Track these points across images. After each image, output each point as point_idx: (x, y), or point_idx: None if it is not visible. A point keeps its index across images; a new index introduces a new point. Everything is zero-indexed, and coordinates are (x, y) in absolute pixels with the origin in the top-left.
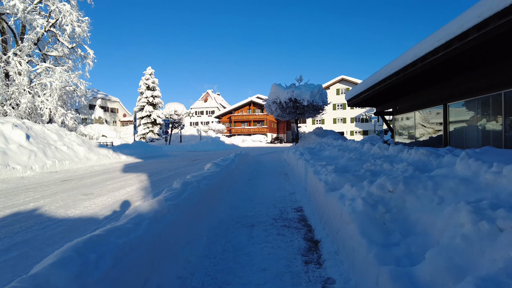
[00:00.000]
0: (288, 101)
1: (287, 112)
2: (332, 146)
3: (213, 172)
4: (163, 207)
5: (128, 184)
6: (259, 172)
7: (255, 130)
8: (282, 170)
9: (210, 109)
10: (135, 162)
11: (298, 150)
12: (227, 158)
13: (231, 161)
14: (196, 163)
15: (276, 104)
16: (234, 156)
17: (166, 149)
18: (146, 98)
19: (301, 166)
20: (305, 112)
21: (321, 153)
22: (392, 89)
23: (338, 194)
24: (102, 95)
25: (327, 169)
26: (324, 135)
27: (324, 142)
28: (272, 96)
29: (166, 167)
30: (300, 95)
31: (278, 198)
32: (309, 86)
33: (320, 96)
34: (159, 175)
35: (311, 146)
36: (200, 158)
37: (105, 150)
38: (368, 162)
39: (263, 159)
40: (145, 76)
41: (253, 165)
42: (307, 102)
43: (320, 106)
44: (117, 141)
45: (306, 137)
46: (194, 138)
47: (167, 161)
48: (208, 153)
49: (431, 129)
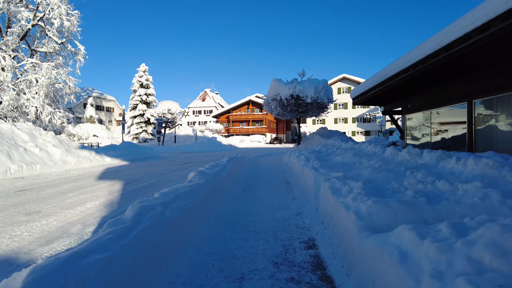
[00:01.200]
0: (290, 98)
1: (289, 110)
2: (342, 149)
3: (195, 185)
4: None
5: (93, 197)
6: (256, 179)
7: (253, 130)
8: (283, 177)
9: (208, 108)
10: (119, 166)
11: (302, 154)
12: (218, 163)
13: (222, 168)
14: (186, 167)
15: (276, 102)
16: (227, 160)
17: (158, 150)
18: (139, 96)
19: (308, 175)
20: (309, 110)
21: (331, 158)
22: (404, 86)
23: (394, 249)
24: (97, 94)
25: (351, 186)
26: (329, 136)
27: (330, 144)
28: (272, 92)
29: (150, 173)
30: (303, 91)
31: (280, 221)
32: (313, 81)
33: (325, 92)
34: (137, 183)
35: (315, 148)
36: (191, 161)
37: (87, 152)
38: (405, 176)
39: (261, 163)
40: (138, 73)
41: (250, 170)
42: (311, 99)
43: (325, 103)
44: (107, 141)
45: (309, 138)
46: (189, 138)
47: (155, 165)
48: (203, 154)
49: (451, 129)
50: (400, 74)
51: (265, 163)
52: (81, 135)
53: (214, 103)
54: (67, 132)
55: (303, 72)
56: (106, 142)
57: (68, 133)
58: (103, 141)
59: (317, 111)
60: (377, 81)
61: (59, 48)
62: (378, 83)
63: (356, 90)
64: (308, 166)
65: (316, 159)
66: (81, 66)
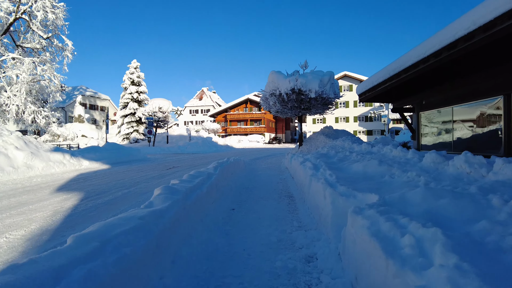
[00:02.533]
0: (291, 93)
1: (289, 106)
2: (358, 153)
3: (149, 215)
4: None
5: (25, 222)
6: (251, 191)
7: (252, 129)
8: (284, 187)
9: (205, 107)
10: (94, 171)
11: (308, 159)
12: (202, 172)
13: (205, 178)
14: (170, 173)
15: (275, 97)
16: (214, 167)
17: (147, 152)
18: (130, 94)
19: (321, 193)
20: (312, 107)
21: (347, 166)
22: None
23: None
24: (91, 93)
25: (417, 237)
26: (335, 136)
27: (339, 146)
28: (270, 87)
29: (124, 181)
30: (306, 85)
31: (282, 276)
32: (317, 73)
33: (331, 86)
34: (100, 197)
35: (322, 151)
36: (180, 164)
37: (59, 155)
38: (495, 208)
39: (258, 167)
40: (129, 70)
41: (244, 177)
42: (315, 93)
43: (331, 99)
44: (94, 141)
45: (312, 138)
46: (183, 138)
47: (136, 170)
48: (195, 156)
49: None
50: (419, 64)
51: (263, 168)
52: (66, 135)
53: (212, 102)
54: (51, 132)
55: (306, 63)
56: (92, 142)
57: (52, 133)
58: (90, 142)
59: (321, 108)
60: (389, 74)
61: (47, 43)
62: (390, 76)
63: (364, 86)
64: (318, 178)
65: (327, 167)
66: (69, 62)
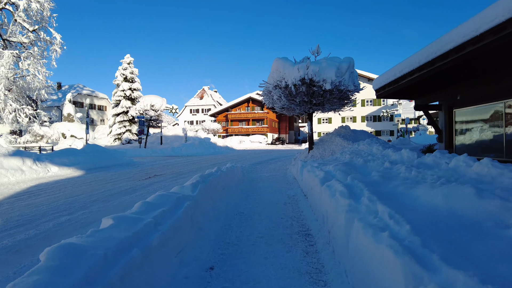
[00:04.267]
0: (300, 84)
1: (297, 102)
2: (407, 165)
3: None
4: None
5: None
6: (246, 221)
7: (254, 129)
8: (296, 214)
9: (206, 107)
10: (56, 181)
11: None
12: (170, 196)
13: (170, 208)
14: (147, 184)
15: (279, 90)
16: (193, 184)
17: (137, 154)
18: (122, 91)
19: (390, 267)
20: (326, 102)
21: (404, 192)
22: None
23: None
24: (88, 91)
25: None
26: (354, 138)
27: (365, 151)
28: (274, 77)
29: (79, 198)
30: (320, 74)
31: None
32: (333, 60)
33: (350, 76)
34: (10, 234)
35: (342, 158)
36: (165, 172)
37: (18, 160)
38: None
39: (259, 176)
40: (122, 65)
41: (239, 193)
42: (331, 84)
43: (351, 92)
44: (79, 142)
45: (324, 141)
46: (178, 139)
47: (108, 179)
48: (189, 160)
49: None
50: (465, 46)
51: (265, 177)
52: (50, 135)
53: (213, 102)
54: (32, 132)
55: (318, 49)
56: (77, 144)
57: (33, 133)
58: (75, 143)
59: (338, 103)
60: (419, 62)
61: (35, 38)
62: (420, 65)
63: (382, 79)
64: (369, 226)
65: (374, 196)
66: (57, 57)
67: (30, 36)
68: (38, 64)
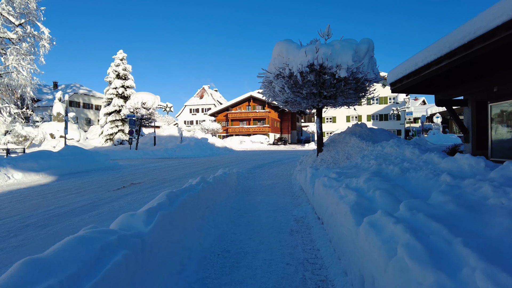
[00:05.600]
0: (308, 71)
1: (304, 93)
2: (471, 176)
3: None
4: None
5: None
6: (232, 266)
7: (255, 129)
8: (309, 253)
9: (206, 106)
10: (10, 191)
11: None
12: (97, 238)
13: (109, 248)
14: (114, 198)
15: (282, 80)
16: (147, 213)
17: (124, 156)
18: (115, 88)
19: None
20: (339, 94)
21: None
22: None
23: None
24: (85, 91)
25: None
26: (373, 139)
27: (392, 155)
28: (276, 64)
29: (11, 220)
30: (333, 58)
31: None
32: (349, 42)
33: (370, 61)
34: None
35: (364, 164)
36: (145, 179)
37: None
38: None
39: (258, 184)
40: (114, 61)
41: (229, 213)
42: (347, 71)
43: (370, 81)
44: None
45: (336, 141)
46: (173, 139)
47: (74, 188)
48: (182, 163)
49: None
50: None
51: (265, 187)
52: (34, 136)
53: (213, 101)
54: (13, 133)
55: (328, 30)
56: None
57: (15, 134)
58: (59, 145)
59: (353, 95)
60: (451, 46)
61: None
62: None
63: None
64: None
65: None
66: (46, 53)
67: (18, 31)
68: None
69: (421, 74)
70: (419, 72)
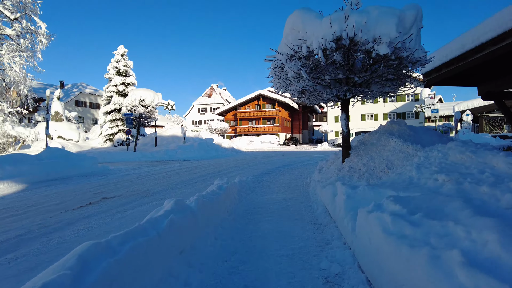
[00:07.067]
0: (333, 47)
1: (328, 79)
2: None
3: None
4: None
5: None
6: None
7: (264, 129)
8: None
9: (214, 105)
10: None
11: None
12: None
13: None
14: (70, 222)
15: (297, 62)
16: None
17: (120, 159)
18: (115, 86)
19: None
20: (374, 79)
21: None
22: None
23: None
24: (91, 90)
25: None
26: (419, 140)
27: (467, 165)
28: (290, 41)
29: None
30: (369, 29)
31: None
32: (389, 9)
33: (417, 33)
34: None
35: (423, 179)
36: (125, 191)
37: None
38: None
39: (265, 201)
40: (115, 57)
41: (212, 263)
42: (388, 46)
43: (418, 60)
44: (57, 144)
45: (367, 143)
46: (176, 140)
47: (30, 204)
48: (180, 167)
49: None
50: None
51: (275, 205)
52: (25, 136)
53: (222, 100)
54: (2, 133)
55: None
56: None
57: (4, 134)
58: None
59: (393, 82)
60: None
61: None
62: None
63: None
64: None
65: None
66: (44, 49)
67: (17, 27)
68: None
69: (469, 59)
70: (465, 57)
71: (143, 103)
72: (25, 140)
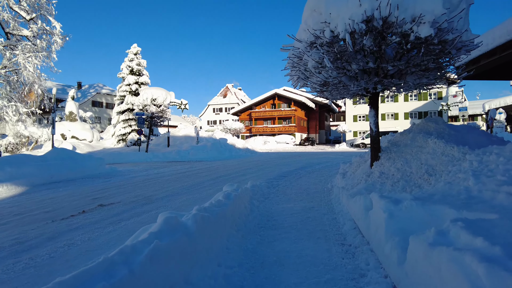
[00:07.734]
0: (363, 30)
1: (355, 68)
2: None
3: None
4: None
5: None
6: None
7: (280, 129)
8: None
9: (229, 105)
10: None
11: None
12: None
13: None
14: (51, 237)
15: (319, 50)
16: None
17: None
18: (128, 85)
19: None
20: (412, 68)
21: None
22: None
23: None
24: (108, 91)
25: None
26: (462, 140)
27: None
28: (310, 25)
29: None
30: (406, 7)
31: None
32: None
33: (467, 10)
34: None
35: (480, 190)
36: (125, 197)
37: None
38: None
39: (280, 211)
40: (128, 56)
41: None
42: (432, 27)
43: (466, 45)
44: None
45: (400, 145)
46: (189, 140)
47: (20, 210)
48: (191, 169)
49: None
50: None
51: (292, 217)
52: (37, 137)
53: (237, 100)
54: (15, 133)
55: None
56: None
57: (17, 134)
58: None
59: (433, 72)
60: None
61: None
62: None
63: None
64: None
65: None
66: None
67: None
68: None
69: None
70: None
71: (155, 102)
72: (37, 140)
